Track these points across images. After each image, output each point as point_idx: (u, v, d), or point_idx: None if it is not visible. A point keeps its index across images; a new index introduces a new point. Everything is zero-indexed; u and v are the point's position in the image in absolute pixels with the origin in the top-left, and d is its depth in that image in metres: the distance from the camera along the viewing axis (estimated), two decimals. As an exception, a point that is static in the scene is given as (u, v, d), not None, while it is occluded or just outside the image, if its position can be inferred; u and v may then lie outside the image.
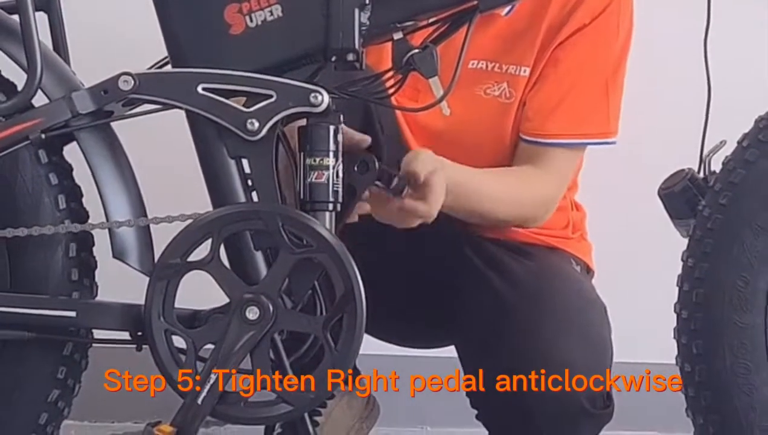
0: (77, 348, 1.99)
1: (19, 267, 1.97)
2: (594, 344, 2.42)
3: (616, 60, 2.52)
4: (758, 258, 1.94)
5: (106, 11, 2.27)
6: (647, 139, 2.57)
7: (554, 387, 2.35)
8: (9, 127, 1.93)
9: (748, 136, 1.96)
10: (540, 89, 2.51)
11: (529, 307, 2.42)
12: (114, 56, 2.07)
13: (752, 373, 1.93)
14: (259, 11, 1.95)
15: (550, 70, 2.51)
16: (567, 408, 2.37)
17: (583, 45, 2.48)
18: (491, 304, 2.45)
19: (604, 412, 2.40)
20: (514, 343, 2.38)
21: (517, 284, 2.47)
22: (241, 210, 1.95)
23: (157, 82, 1.98)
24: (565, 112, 2.51)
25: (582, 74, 2.52)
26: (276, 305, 1.92)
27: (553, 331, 2.39)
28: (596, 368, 2.38)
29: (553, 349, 2.37)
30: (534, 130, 2.50)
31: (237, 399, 1.94)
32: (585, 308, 2.46)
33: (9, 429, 1.97)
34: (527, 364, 2.36)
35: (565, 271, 2.56)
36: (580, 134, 2.53)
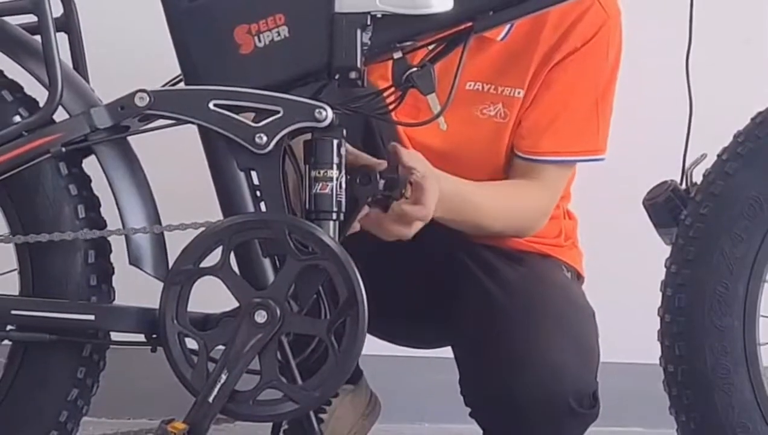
0: (95, 349, 1.98)
1: (40, 272, 1.96)
2: (581, 347, 2.41)
3: (605, 82, 2.51)
4: (737, 265, 1.94)
5: (124, 31, 2.27)
6: (633, 153, 2.57)
7: (544, 387, 2.35)
8: (31, 141, 1.93)
9: (727, 150, 1.96)
10: (534, 109, 2.49)
11: (521, 311, 2.41)
12: (130, 74, 2.07)
13: (731, 374, 1.93)
14: (267, 32, 1.95)
15: (544, 92, 2.49)
16: (555, 407, 2.36)
17: (574, 68, 2.47)
18: (485, 309, 2.45)
19: (591, 412, 2.39)
20: (507, 345, 2.38)
21: (511, 290, 2.46)
22: (250, 219, 1.95)
23: (171, 98, 1.97)
24: (557, 131, 2.50)
25: (573, 96, 2.51)
26: (283, 309, 1.91)
27: (544, 335, 2.38)
28: (583, 370, 2.39)
29: (543, 352, 2.36)
30: (528, 147, 2.49)
31: (246, 398, 1.93)
32: (574, 313, 2.46)
33: (32, 426, 1.96)
34: (518, 366, 2.36)
35: (556, 278, 2.55)
36: (571, 152, 2.52)
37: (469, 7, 1.94)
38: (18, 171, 1.94)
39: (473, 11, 1.95)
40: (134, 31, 2.21)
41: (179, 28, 1.98)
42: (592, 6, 2.34)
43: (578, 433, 2.43)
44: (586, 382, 2.38)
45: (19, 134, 1.93)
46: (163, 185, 2.04)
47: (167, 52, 2.01)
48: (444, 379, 2.74)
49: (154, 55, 2.09)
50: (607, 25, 2.44)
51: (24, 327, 1.95)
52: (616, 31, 2.47)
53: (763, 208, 1.94)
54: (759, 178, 1.94)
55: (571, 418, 2.38)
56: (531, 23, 2.34)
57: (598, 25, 2.44)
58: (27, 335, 1.95)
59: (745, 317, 1.94)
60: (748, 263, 1.94)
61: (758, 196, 1.94)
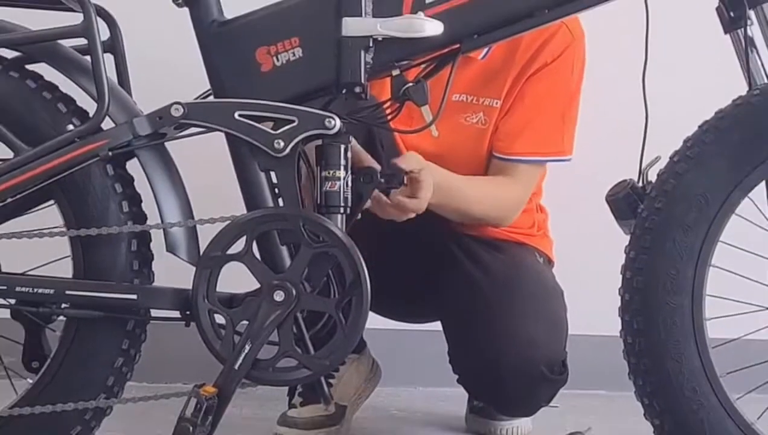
0: (138, 324, 1.99)
1: (91, 260, 1.97)
2: (552, 322, 2.46)
3: (571, 94, 2.55)
4: (686, 251, 1.92)
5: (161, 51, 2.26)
6: (597, 156, 2.57)
7: (520, 357, 2.39)
8: (83, 147, 1.93)
9: (678, 153, 1.94)
10: (509, 117, 2.53)
11: (501, 292, 2.45)
12: (167, 88, 2.07)
13: (682, 345, 1.91)
14: (284, 52, 1.97)
15: (518, 102, 2.54)
16: (530, 374, 2.40)
17: (544, 81, 2.51)
18: (470, 290, 2.48)
19: (561, 377, 2.45)
20: (488, 321, 2.42)
21: (491, 273, 2.50)
22: (270, 213, 1.97)
23: (202, 109, 1.98)
24: (528, 135, 2.52)
25: (543, 105, 2.55)
26: (298, 289, 1.93)
27: (519, 312, 2.43)
28: (553, 342, 2.44)
29: (518, 327, 2.40)
30: (504, 149, 2.52)
31: (267, 365, 1.94)
32: (545, 293, 2.52)
33: (85, 389, 1.96)
34: (498, 339, 2.40)
35: (530, 263, 2.60)
36: (540, 153, 2.54)
37: (456, 31, 1.94)
38: (71, 172, 1.94)
39: (460, 35, 1.95)
40: (170, 52, 2.21)
41: (209, 49, 2.00)
42: (560, 29, 2.37)
43: (550, 395, 2.48)
44: (556, 352, 2.43)
45: (72, 140, 1.94)
46: (195, 184, 2.05)
47: (199, 70, 2.02)
48: (435, 350, 2.74)
49: (188, 72, 2.08)
50: (573, 46, 2.48)
51: (77, 305, 1.96)
52: (580, 51, 2.50)
53: (709, 202, 1.92)
54: (705, 178, 1.92)
55: (544, 382, 2.43)
56: (507, 44, 2.36)
57: (565, 46, 2.48)
58: (79, 312, 1.96)
59: (693, 296, 1.92)
60: (695, 250, 1.92)
61: (704, 192, 1.91)
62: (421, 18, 1.93)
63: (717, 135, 1.93)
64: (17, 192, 1.96)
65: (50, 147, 1.94)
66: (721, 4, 1.96)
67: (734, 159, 1.92)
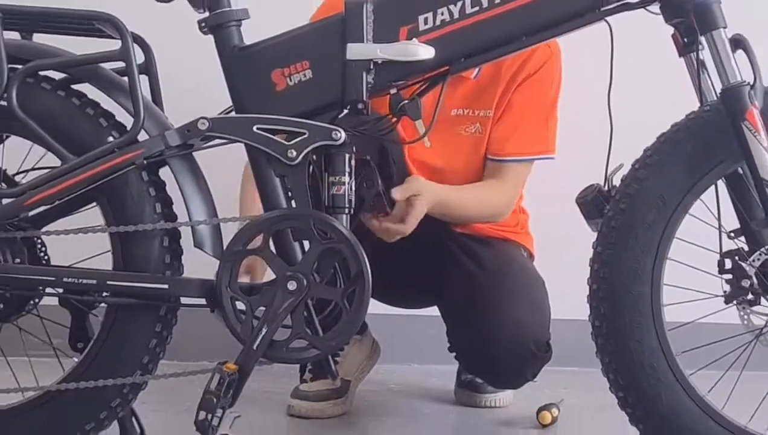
0: (169, 310, 1.99)
1: (128, 254, 1.98)
2: (537, 307, 2.52)
3: (552, 100, 2.58)
4: (646, 246, 1.93)
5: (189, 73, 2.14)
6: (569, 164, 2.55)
7: (512, 336, 2.45)
8: (121, 156, 1.95)
9: (639, 161, 1.96)
10: (500, 123, 2.56)
11: (493, 281, 2.51)
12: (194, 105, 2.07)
13: (642, 328, 1.93)
14: (296, 74, 1.98)
15: (507, 110, 2.56)
16: (521, 352, 2.46)
17: (529, 90, 2.54)
18: (466, 279, 2.53)
19: (546, 355, 2.48)
20: (483, 306, 2.48)
21: (484, 264, 2.55)
22: (284, 213, 1.98)
23: (224, 124, 1.99)
24: (518, 138, 2.56)
25: (529, 111, 2.57)
26: (309, 280, 1.94)
27: (510, 298, 2.49)
28: (540, 324, 2.49)
29: (510, 311, 2.47)
30: (496, 151, 2.57)
31: (281, 346, 1.95)
32: (531, 282, 2.56)
33: (124, 366, 1.97)
34: (493, 322, 2.46)
35: (516, 256, 2.65)
36: (528, 153, 2.58)
37: (446, 55, 1.95)
38: (111, 178, 1.95)
39: (449, 58, 1.97)
40: (197, 73, 2.07)
41: (231, 71, 2.00)
42: (540, 45, 2.30)
43: (537, 370, 2.51)
44: (542, 333, 2.48)
45: (112, 150, 1.95)
46: (218, 188, 2.05)
47: (221, 89, 2.03)
48: (427, 332, 2.81)
49: (212, 90, 2.11)
50: (552, 59, 2.50)
51: (116, 294, 1.97)
52: (557, 64, 2.52)
53: (666, 204, 1.93)
54: (662, 182, 1.93)
55: (532, 359, 2.48)
56: (494, 63, 2.34)
57: (545, 59, 2.50)
58: (118, 300, 1.98)
59: (652, 286, 1.93)
60: (654, 245, 1.93)
61: (662, 195, 1.93)
62: (416, 44, 1.94)
63: (673, 145, 1.95)
64: (64, 195, 1.96)
65: (93, 156, 1.95)
66: (676, 31, 1.97)
67: (687, 166, 1.93)
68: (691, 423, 1.94)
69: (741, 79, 1.91)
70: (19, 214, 1.99)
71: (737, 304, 1.96)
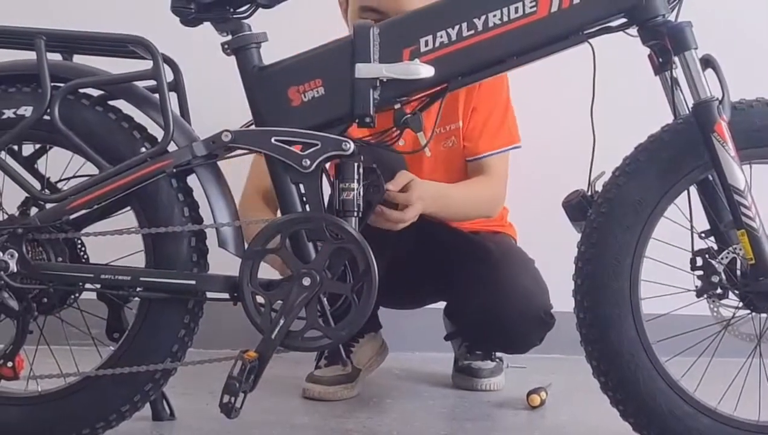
0: (196, 304, 1.98)
1: (159, 253, 1.97)
2: (539, 281, 2.54)
3: (506, 98, 2.62)
4: (625, 246, 1.92)
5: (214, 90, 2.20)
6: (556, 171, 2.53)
7: (524, 305, 2.47)
8: (153, 165, 1.94)
9: (619, 168, 1.95)
10: (468, 129, 2.59)
11: (499, 258, 2.54)
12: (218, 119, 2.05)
13: (622, 319, 1.92)
14: (310, 91, 1.97)
15: (472, 114, 2.58)
16: (530, 317, 2.49)
17: (487, 94, 2.57)
18: (474, 263, 2.54)
19: (551, 321, 2.51)
20: (495, 280, 2.49)
21: (487, 247, 2.57)
22: (299, 216, 1.96)
23: (246, 135, 1.97)
24: (486, 135, 2.58)
25: (490, 110, 2.59)
26: (322, 276, 1.93)
27: (516, 272, 2.52)
28: (544, 294, 2.51)
29: (519, 283, 2.50)
30: (472, 151, 2.59)
31: (297, 335, 1.94)
32: (529, 261, 2.60)
33: (155, 354, 1.97)
34: (505, 293, 2.48)
35: (509, 242, 2.68)
36: (499, 146, 2.60)
37: (445, 74, 1.94)
38: (144, 185, 1.94)
39: (447, 77, 1.96)
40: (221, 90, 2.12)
41: (251, 88, 1.99)
42: None
43: (543, 335, 2.55)
44: (547, 301, 2.50)
45: (145, 160, 1.94)
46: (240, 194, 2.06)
47: (243, 104, 2.01)
48: (429, 323, 2.82)
49: (235, 106, 2.09)
50: None
51: (148, 289, 1.96)
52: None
53: (643, 208, 1.92)
54: (640, 188, 1.92)
55: (540, 324, 2.51)
56: None
57: None
58: (150, 294, 1.97)
59: (631, 281, 1.92)
60: (633, 245, 1.92)
61: (639, 199, 1.92)
62: (417, 64, 1.93)
63: (649, 154, 1.94)
64: (102, 200, 1.96)
65: (127, 165, 1.94)
66: (651, 52, 1.95)
67: (662, 173, 1.93)
68: (666, 405, 1.93)
69: (710, 95, 1.90)
70: (62, 218, 1.98)
71: (707, 298, 1.95)
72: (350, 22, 2.48)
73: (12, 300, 1.96)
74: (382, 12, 2.37)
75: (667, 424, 1.93)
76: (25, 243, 1.96)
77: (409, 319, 2.86)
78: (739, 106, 1.94)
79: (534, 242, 2.71)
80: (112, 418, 2.01)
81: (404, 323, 2.87)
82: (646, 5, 1.91)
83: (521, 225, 2.76)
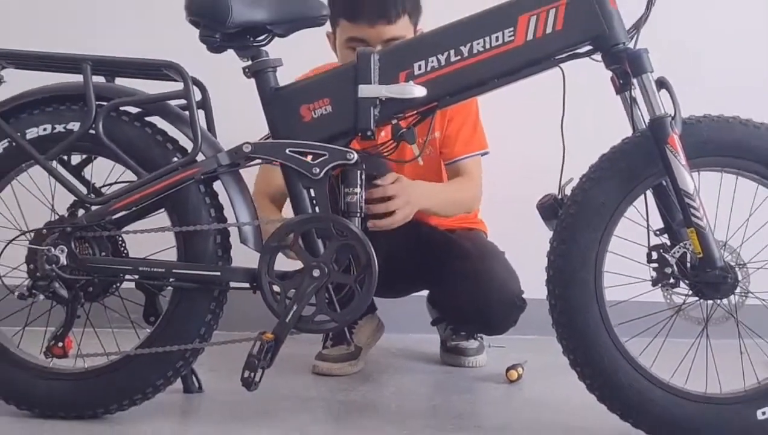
0: (221, 292, 1.99)
1: (189, 248, 1.98)
2: (511, 271, 2.53)
3: (476, 110, 2.61)
4: (591, 242, 1.91)
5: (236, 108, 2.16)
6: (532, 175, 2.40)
7: (503, 291, 2.48)
8: (184, 173, 1.95)
9: (585, 175, 1.95)
10: (445, 135, 2.58)
11: (477, 250, 2.55)
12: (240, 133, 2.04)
13: (587, 305, 1.91)
14: (319, 108, 1.97)
15: (448, 124, 2.57)
16: (507, 303, 2.48)
17: (459, 107, 2.46)
18: (455, 252, 2.54)
19: (524, 304, 2.50)
20: (475, 273, 2.49)
21: (466, 241, 2.58)
22: (310, 217, 1.97)
23: (264, 147, 1.98)
24: (460, 141, 2.58)
25: (463, 122, 2.58)
26: (329, 268, 1.94)
27: (492, 265, 2.52)
28: (516, 282, 2.50)
29: (494, 275, 2.50)
30: (449, 155, 2.59)
31: (308, 319, 1.95)
32: (501, 253, 2.59)
33: (185, 336, 1.97)
34: (485, 282, 2.48)
35: (483, 237, 2.68)
36: (471, 150, 2.59)
37: (435, 94, 1.95)
38: (176, 189, 1.96)
39: (437, 96, 1.96)
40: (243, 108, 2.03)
41: (269, 106, 1.99)
42: None
43: (517, 317, 2.53)
44: (519, 288, 2.49)
45: (177, 168, 1.96)
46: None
47: (261, 120, 2.01)
48: (417, 309, 2.79)
49: (254, 121, 2.06)
50: None
51: (180, 279, 1.97)
52: None
53: (606, 209, 1.92)
54: (603, 192, 1.92)
55: (515, 308, 2.50)
56: None
57: None
58: (181, 284, 1.97)
59: (596, 272, 1.91)
60: (597, 241, 1.92)
61: (603, 202, 1.92)
62: (412, 85, 1.93)
63: (611, 163, 1.94)
64: (140, 203, 1.97)
65: (162, 173, 1.95)
66: (613, 75, 1.95)
67: (623, 179, 1.92)
68: (626, 379, 1.93)
69: (664, 112, 1.90)
70: (105, 218, 1.99)
71: (662, 287, 1.95)
72: (339, 52, 2.47)
73: (62, 289, 1.96)
74: (365, 41, 2.37)
75: (626, 395, 1.92)
76: (73, 240, 1.97)
77: (403, 306, 2.83)
78: (689, 121, 1.93)
79: (512, 238, 2.68)
80: (148, 391, 2.01)
81: (399, 309, 2.84)
82: (609, 35, 1.91)
83: (501, 223, 2.73)
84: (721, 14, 3.08)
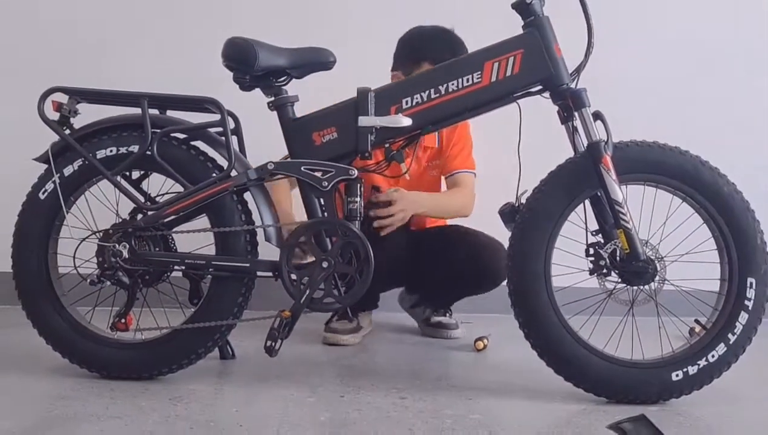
0: (250, 279, 1.97)
1: (225, 245, 1.96)
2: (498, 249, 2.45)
3: (467, 136, 2.60)
4: (541, 240, 1.90)
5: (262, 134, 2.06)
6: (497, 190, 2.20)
7: (492, 254, 2.43)
8: (220, 186, 1.95)
9: (537, 188, 1.95)
10: (450, 154, 2.56)
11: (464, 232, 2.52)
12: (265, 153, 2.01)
13: (538, 290, 1.88)
14: (327, 135, 1.97)
15: (448, 143, 2.56)
16: (496, 272, 2.43)
17: (461, 134, 2.53)
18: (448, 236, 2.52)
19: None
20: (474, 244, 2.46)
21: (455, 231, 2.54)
22: (320, 220, 1.97)
23: (284, 165, 1.98)
24: (458, 160, 2.56)
25: (463, 145, 2.58)
26: (336, 261, 1.95)
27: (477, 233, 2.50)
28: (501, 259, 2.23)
29: (482, 238, 2.47)
30: (448, 170, 2.57)
31: (318, 301, 1.95)
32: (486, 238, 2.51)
33: (222, 314, 1.96)
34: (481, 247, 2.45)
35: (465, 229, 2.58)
36: (465, 167, 2.57)
37: (419, 123, 1.94)
38: (215, 199, 1.95)
39: (421, 125, 1.95)
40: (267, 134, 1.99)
41: (288, 132, 2.00)
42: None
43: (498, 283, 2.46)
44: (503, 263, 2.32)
45: (215, 182, 1.95)
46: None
47: (281, 144, 2.01)
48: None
49: (276, 145, 2.05)
50: None
51: (218, 269, 1.96)
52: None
53: (554, 214, 1.90)
54: (551, 201, 1.91)
55: (500, 278, 2.44)
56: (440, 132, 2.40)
57: None
58: (219, 273, 1.97)
59: (545, 264, 1.90)
60: (546, 239, 1.90)
61: (551, 209, 1.90)
62: (400, 117, 1.94)
63: (557, 178, 1.94)
64: (186, 209, 1.97)
65: (203, 186, 1.95)
66: (559, 109, 1.95)
67: (566, 191, 1.93)
68: (569, 348, 1.93)
69: (599, 138, 1.91)
70: (158, 221, 1.99)
71: (597, 276, 1.95)
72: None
73: (125, 277, 1.97)
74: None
75: (569, 361, 1.93)
76: (133, 238, 1.98)
77: (393, 292, 2.79)
78: (619, 145, 1.93)
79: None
80: (192, 358, 2.02)
81: (389, 294, 2.78)
82: (555, 77, 1.93)
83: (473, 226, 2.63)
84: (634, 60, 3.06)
